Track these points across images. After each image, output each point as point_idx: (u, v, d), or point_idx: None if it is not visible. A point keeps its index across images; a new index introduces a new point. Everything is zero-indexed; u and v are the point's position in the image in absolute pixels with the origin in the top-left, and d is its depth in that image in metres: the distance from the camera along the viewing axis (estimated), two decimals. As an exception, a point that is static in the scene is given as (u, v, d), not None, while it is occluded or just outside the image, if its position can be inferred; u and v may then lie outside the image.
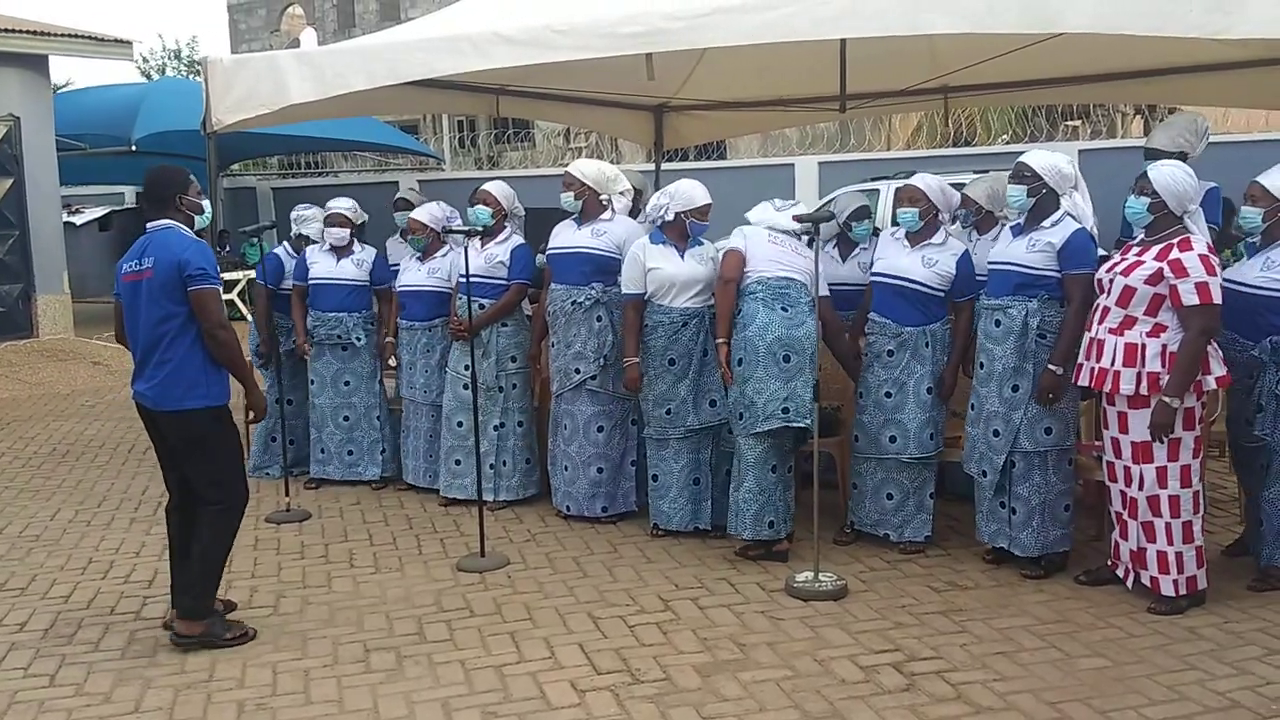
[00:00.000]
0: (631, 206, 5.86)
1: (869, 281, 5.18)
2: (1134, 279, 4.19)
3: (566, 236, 5.62)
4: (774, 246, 4.97)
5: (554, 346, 5.62)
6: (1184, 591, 4.25)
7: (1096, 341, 4.29)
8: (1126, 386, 4.19)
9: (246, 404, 4.35)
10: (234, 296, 14.21)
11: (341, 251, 6.45)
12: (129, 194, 20.76)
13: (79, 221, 18.85)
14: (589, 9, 5.34)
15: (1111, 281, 4.27)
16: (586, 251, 5.51)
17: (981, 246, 5.22)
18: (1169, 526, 4.24)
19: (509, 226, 6.00)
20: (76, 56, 12.60)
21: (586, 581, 4.80)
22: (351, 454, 6.47)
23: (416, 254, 6.27)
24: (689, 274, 5.19)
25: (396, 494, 6.30)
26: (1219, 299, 4.12)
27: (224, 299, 8.88)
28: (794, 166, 14.41)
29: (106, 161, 14.91)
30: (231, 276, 13.92)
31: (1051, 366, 4.48)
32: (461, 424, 5.88)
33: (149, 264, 4.07)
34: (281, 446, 6.31)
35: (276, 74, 6.02)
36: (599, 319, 5.48)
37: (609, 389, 5.48)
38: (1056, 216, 4.56)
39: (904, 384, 4.95)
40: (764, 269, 4.92)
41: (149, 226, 4.18)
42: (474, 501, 5.49)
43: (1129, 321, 4.22)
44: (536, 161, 20.80)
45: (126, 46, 12.93)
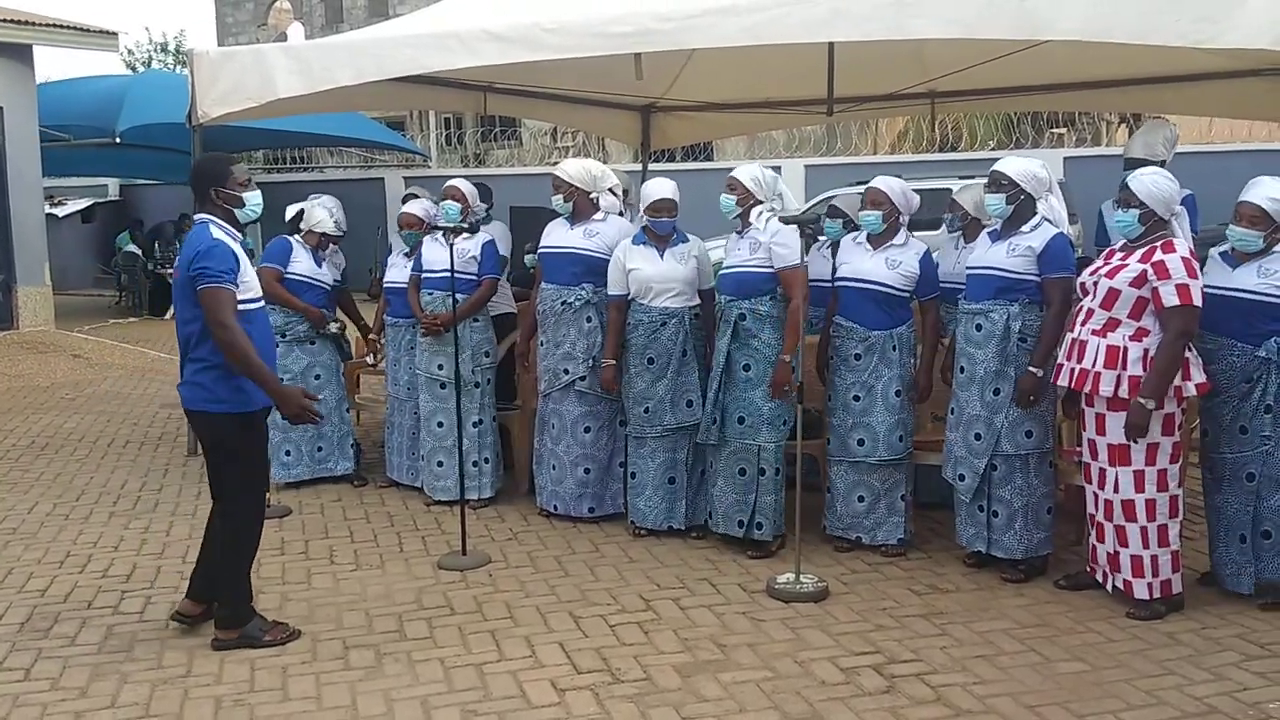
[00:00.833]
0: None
1: (834, 286, 5.15)
2: (1118, 281, 4.21)
3: (559, 236, 5.61)
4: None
5: (543, 346, 5.62)
6: (1158, 595, 4.27)
7: (1079, 343, 4.31)
8: (1106, 388, 4.20)
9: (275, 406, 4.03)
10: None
11: (320, 254, 6.42)
12: (112, 186, 20.68)
13: (61, 213, 18.76)
14: (578, 8, 5.33)
15: (1096, 284, 4.29)
16: (577, 252, 5.51)
17: (967, 254, 5.22)
18: (1144, 530, 4.26)
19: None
20: (61, 47, 12.52)
21: (568, 580, 4.79)
22: (321, 449, 6.42)
23: (404, 250, 6.26)
24: (665, 274, 5.20)
25: (378, 491, 6.27)
26: (1199, 301, 4.14)
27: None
28: (781, 169, 14.47)
29: (90, 153, 14.82)
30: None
31: (1032, 369, 4.51)
32: (441, 424, 5.88)
33: (179, 262, 4.04)
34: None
35: (263, 67, 5.98)
36: (589, 319, 5.47)
37: (597, 390, 5.48)
38: (1035, 221, 4.60)
39: (872, 387, 4.96)
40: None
41: (194, 220, 4.13)
42: (456, 500, 5.47)
43: (1112, 324, 4.24)
44: (523, 160, 20.76)
45: (112, 38, 12.86)
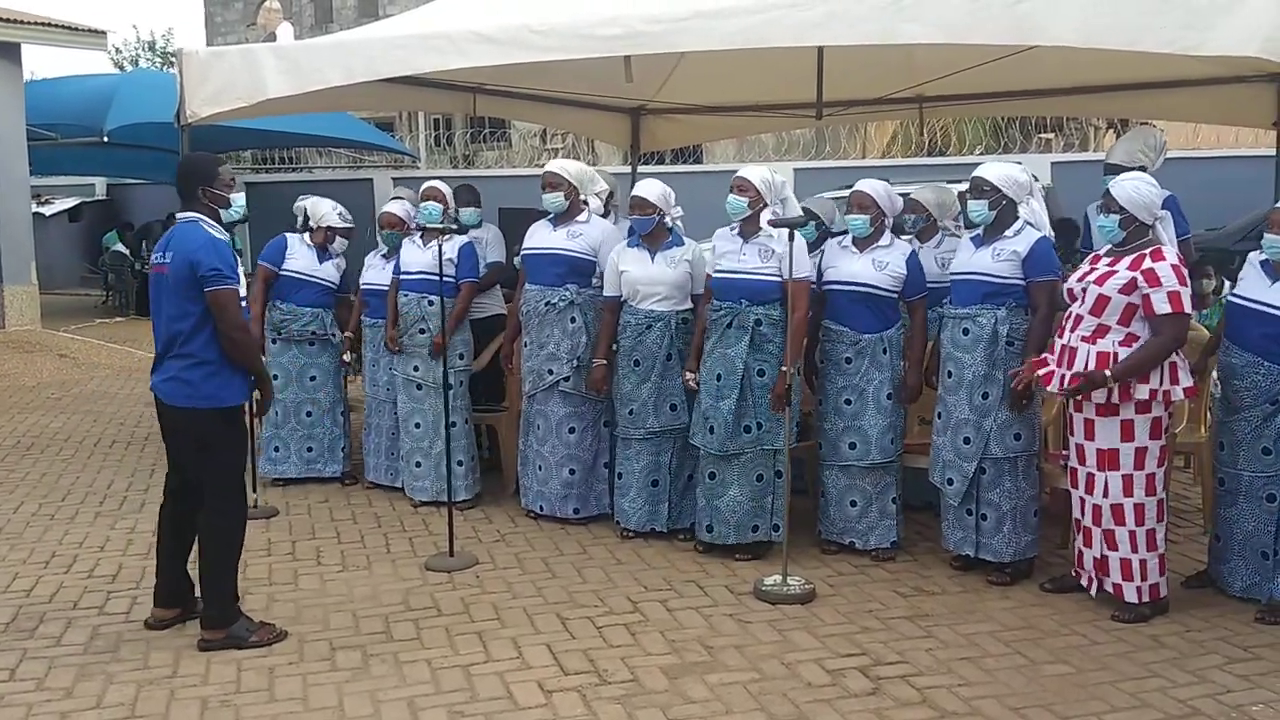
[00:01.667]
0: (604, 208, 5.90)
1: (822, 290, 5.14)
2: (1108, 288, 4.23)
3: (542, 237, 5.60)
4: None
5: (527, 347, 5.61)
6: (1146, 599, 4.29)
7: (1069, 349, 4.32)
8: (1097, 394, 4.22)
9: (259, 399, 4.33)
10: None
11: (328, 250, 6.41)
12: (100, 185, 20.57)
13: (48, 212, 18.68)
14: (568, 10, 5.33)
15: (1085, 290, 4.30)
16: (561, 253, 5.51)
17: (924, 254, 5.25)
18: (1132, 534, 4.28)
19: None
20: (49, 45, 12.47)
21: (555, 582, 4.79)
22: (311, 450, 6.41)
23: (382, 252, 6.25)
24: (652, 277, 5.21)
25: (365, 492, 6.26)
26: (1190, 308, 4.18)
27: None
28: (771, 172, 14.43)
29: (77, 152, 14.75)
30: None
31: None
32: (419, 425, 5.88)
33: (168, 259, 4.02)
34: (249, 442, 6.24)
35: (253, 67, 5.96)
36: (573, 320, 5.47)
37: (582, 390, 5.48)
38: (1018, 226, 4.64)
39: (863, 390, 4.96)
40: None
41: (177, 218, 4.13)
42: (443, 502, 5.47)
43: (1102, 330, 4.26)
44: (512, 161, 20.73)
45: (100, 37, 12.82)
